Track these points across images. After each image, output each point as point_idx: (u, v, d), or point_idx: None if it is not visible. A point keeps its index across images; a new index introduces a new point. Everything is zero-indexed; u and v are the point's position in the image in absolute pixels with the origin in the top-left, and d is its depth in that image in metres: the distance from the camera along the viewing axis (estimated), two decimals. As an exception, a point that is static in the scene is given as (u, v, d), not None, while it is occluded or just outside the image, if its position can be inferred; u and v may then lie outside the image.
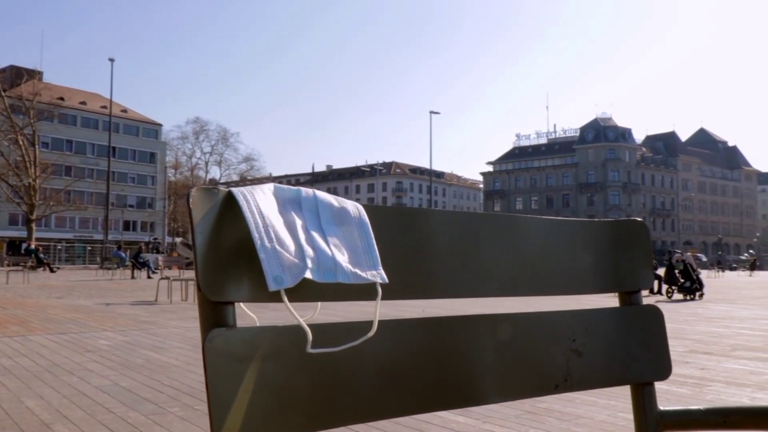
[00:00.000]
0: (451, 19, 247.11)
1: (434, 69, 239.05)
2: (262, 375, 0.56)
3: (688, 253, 18.71)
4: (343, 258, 0.61)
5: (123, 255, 30.99)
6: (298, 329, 0.57)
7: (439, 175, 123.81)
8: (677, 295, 15.57)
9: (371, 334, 0.61)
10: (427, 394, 0.66)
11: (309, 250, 0.59)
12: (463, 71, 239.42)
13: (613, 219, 0.90)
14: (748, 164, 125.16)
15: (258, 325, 0.58)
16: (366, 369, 0.63)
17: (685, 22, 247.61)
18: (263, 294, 0.57)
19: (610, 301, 11.11)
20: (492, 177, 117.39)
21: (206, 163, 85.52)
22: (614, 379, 0.84)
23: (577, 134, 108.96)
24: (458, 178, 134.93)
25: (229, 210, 0.58)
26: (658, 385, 4.51)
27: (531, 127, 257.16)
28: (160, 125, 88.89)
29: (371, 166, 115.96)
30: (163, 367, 5.28)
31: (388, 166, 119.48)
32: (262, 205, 0.59)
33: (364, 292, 0.61)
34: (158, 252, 41.28)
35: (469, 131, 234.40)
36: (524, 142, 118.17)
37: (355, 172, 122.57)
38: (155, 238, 62.01)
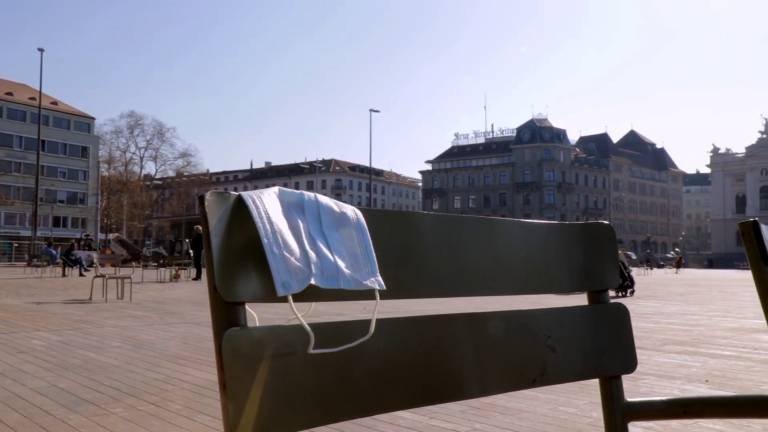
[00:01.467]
0: (393, 19, 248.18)
1: (375, 67, 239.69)
2: (272, 372, 0.59)
3: (620, 251, 19.36)
4: (344, 264, 0.64)
5: (53, 252, 29.91)
6: (303, 329, 0.60)
7: (379, 173, 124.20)
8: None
9: (368, 336, 0.64)
10: (417, 389, 0.70)
11: (313, 256, 0.62)
12: (404, 70, 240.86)
13: (582, 222, 0.96)
14: (674, 166, 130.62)
15: (258, 323, 0.60)
16: (364, 367, 0.66)
17: (617, 28, 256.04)
18: (272, 296, 0.59)
19: (573, 299, 11.39)
20: (431, 175, 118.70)
21: (141, 159, 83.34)
22: (585, 372, 0.89)
23: (514, 134, 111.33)
24: (397, 176, 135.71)
25: (239, 214, 0.60)
26: (597, 381, 4.70)
27: (469, 126, 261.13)
28: (93, 119, 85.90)
29: (310, 164, 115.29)
30: (103, 367, 5.14)
31: (328, 164, 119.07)
32: (269, 209, 0.61)
33: (362, 294, 0.64)
34: (90, 249, 39.97)
35: (409, 130, 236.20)
36: (462, 142, 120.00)
37: (294, 169, 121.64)
38: (87, 235, 59.88)
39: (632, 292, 15.95)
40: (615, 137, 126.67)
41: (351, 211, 0.68)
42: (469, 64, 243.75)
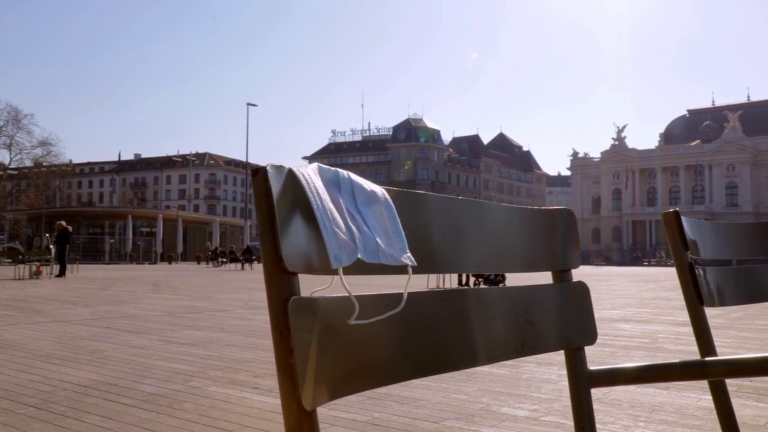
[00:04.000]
0: (272, 13, 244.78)
1: (253, 60, 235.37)
2: (331, 339, 0.62)
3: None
4: (381, 240, 0.67)
5: None
6: (347, 301, 0.63)
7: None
8: (483, 286, 16.87)
9: (399, 309, 0.68)
10: (423, 360, 0.74)
11: (356, 231, 0.65)
12: (282, 64, 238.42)
13: (547, 208, 1.05)
14: (539, 168, 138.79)
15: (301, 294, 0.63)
16: (389, 338, 0.70)
17: (486, 36, 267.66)
18: (325, 267, 0.61)
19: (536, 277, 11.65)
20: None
21: (-7, 146, 76.64)
22: (556, 344, 0.98)
23: (390, 133, 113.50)
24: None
25: (292, 187, 0.62)
26: (488, 368, 4.92)
27: (347, 124, 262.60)
28: (-65, 100, 77.89)
29: (183, 157, 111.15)
30: (-35, 371, 4.73)
31: (202, 157, 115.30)
32: (317, 185, 0.64)
33: (393, 269, 0.68)
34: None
35: (286, 125, 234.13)
36: (340, 139, 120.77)
37: (165, 162, 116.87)
38: (-73, 229, 54.18)
39: (502, 285, 16.76)
40: (486, 139, 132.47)
41: (379, 190, 0.72)
42: (348, 61, 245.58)
